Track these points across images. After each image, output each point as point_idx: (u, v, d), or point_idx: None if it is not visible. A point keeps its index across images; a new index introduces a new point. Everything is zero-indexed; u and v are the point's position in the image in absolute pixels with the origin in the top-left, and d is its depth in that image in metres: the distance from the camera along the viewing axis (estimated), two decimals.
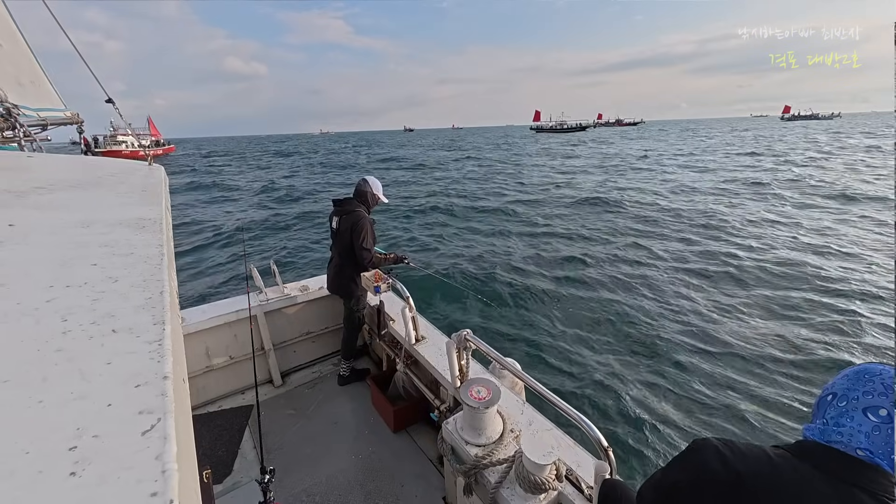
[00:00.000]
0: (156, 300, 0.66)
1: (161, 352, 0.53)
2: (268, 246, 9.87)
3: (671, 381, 4.26)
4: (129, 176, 1.86)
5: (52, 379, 0.46)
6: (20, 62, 3.47)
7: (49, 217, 1.06)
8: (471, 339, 1.82)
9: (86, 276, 0.73)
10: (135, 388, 0.46)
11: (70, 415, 0.41)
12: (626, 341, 5.01)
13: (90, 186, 1.56)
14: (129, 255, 0.84)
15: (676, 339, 4.96)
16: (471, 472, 1.60)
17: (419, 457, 2.43)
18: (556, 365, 4.59)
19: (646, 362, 4.59)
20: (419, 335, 2.52)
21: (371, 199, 2.93)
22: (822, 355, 4.53)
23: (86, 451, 0.37)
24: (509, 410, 1.85)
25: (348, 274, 2.89)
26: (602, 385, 4.22)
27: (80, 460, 0.36)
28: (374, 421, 2.70)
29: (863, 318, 5.26)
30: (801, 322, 5.27)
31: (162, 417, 0.42)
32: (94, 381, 0.47)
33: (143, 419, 0.42)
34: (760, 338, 4.92)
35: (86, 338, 0.55)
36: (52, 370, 0.48)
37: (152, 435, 0.40)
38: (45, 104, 3.69)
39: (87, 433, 0.39)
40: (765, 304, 5.82)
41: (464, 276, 7.20)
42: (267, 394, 2.98)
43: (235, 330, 2.87)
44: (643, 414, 3.82)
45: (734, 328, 5.17)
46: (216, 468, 2.33)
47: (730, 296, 6.12)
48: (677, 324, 5.32)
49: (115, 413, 0.42)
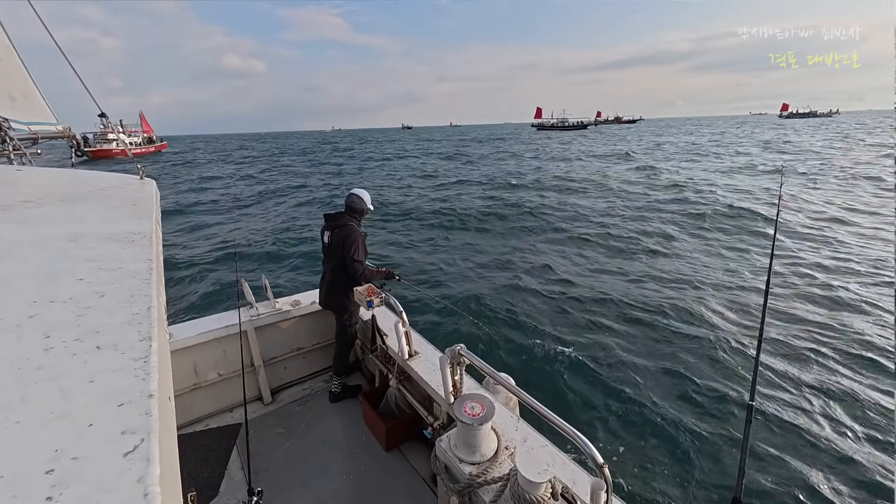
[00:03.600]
0: (143, 316, 0.65)
1: (147, 369, 0.51)
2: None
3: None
4: (119, 190, 1.85)
5: (30, 398, 0.45)
6: (13, 76, 3.47)
7: (35, 231, 1.04)
8: (464, 354, 1.80)
9: (71, 291, 0.71)
10: (118, 407, 0.44)
11: (48, 436, 0.40)
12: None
13: (79, 200, 1.55)
14: (116, 269, 0.83)
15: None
16: (465, 491, 1.57)
17: (412, 476, 2.37)
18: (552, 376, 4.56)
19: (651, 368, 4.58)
20: (412, 350, 2.50)
21: (360, 210, 2.96)
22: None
23: (63, 475, 0.36)
24: (504, 427, 1.83)
25: (341, 289, 2.87)
26: (603, 400, 4.19)
27: (57, 484, 0.35)
28: (365, 439, 2.65)
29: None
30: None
31: (146, 438, 0.41)
32: (75, 399, 0.45)
33: (125, 439, 0.40)
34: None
35: (68, 355, 0.53)
36: (31, 389, 0.46)
37: (135, 456, 0.38)
38: (36, 118, 3.67)
39: (66, 455, 0.38)
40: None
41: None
42: (256, 412, 2.91)
43: (225, 346, 2.82)
44: (640, 427, 3.79)
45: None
46: (202, 490, 2.25)
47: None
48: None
49: (97, 433, 0.41)
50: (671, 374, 4.53)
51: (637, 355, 4.92)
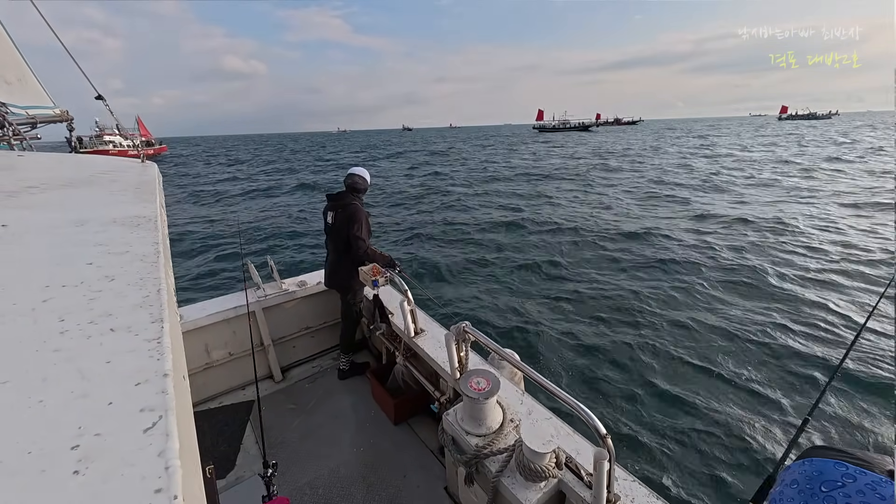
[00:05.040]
0: (153, 298, 0.66)
1: (160, 349, 0.52)
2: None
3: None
4: (122, 174, 1.84)
5: (51, 379, 0.46)
6: (5, 59, 3.41)
7: (42, 217, 1.05)
8: (469, 331, 1.82)
9: (82, 275, 0.72)
10: (135, 387, 0.46)
11: (71, 414, 0.41)
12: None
13: (83, 185, 1.54)
14: (124, 253, 0.84)
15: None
16: (472, 461, 1.62)
17: (420, 448, 2.45)
18: (556, 352, 4.63)
19: (648, 346, 4.63)
20: (418, 328, 2.53)
21: (363, 187, 2.93)
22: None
23: (88, 450, 0.37)
24: (509, 401, 1.86)
25: (345, 268, 2.89)
26: (602, 371, 4.27)
27: (83, 458, 0.37)
28: (374, 414, 2.72)
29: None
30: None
31: (163, 415, 0.42)
32: (93, 380, 0.47)
33: (144, 417, 0.42)
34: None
35: (84, 337, 0.54)
36: (51, 370, 0.48)
37: (154, 432, 0.40)
38: (33, 102, 3.63)
39: (89, 432, 0.39)
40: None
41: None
42: (267, 389, 2.99)
43: (234, 326, 2.87)
44: (641, 399, 3.87)
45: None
46: (219, 464, 2.34)
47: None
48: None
49: (117, 411, 0.42)
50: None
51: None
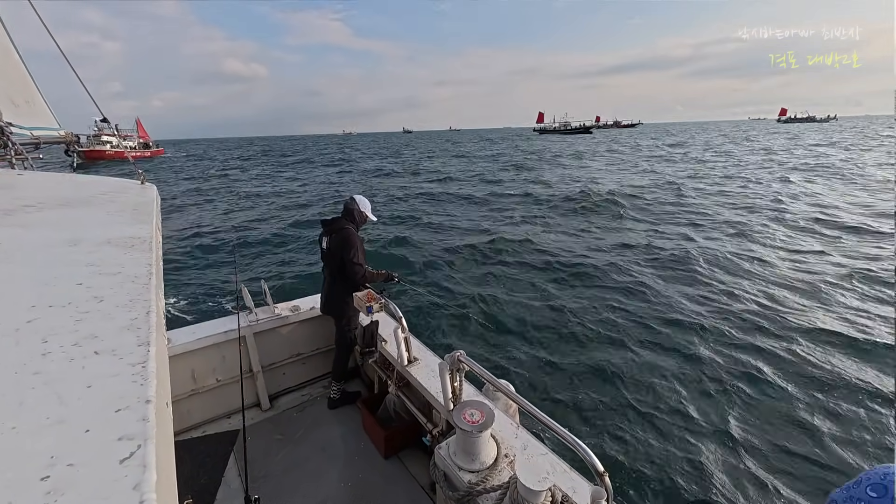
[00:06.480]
0: (141, 320, 0.64)
1: (144, 374, 0.51)
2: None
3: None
4: (120, 195, 1.85)
5: (28, 403, 0.45)
6: (15, 81, 3.49)
7: (36, 235, 1.04)
8: (464, 361, 1.79)
9: (70, 295, 0.71)
10: (115, 413, 0.44)
11: (44, 442, 0.40)
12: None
13: (80, 205, 1.55)
14: (116, 274, 0.83)
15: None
16: (464, 499, 1.55)
17: (411, 484, 2.35)
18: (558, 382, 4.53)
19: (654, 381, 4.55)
20: (412, 356, 2.48)
21: (359, 216, 2.95)
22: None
23: (58, 482, 0.36)
24: (503, 434, 1.81)
25: (340, 293, 2.87)
26: (601, 404, 4.16)
27: (52, 491, 0.35)
28: (364, 446, 2.62)
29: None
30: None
31: (142, 444, 0.40)
32: (72, 405, 0.45)
33: (122, 446, 0.40)
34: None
35: (66, 360, 0.53)
36: (28, 394, 0.46)
37: (131, 463, 0.38)
38: (38, 123, 3.69)
39: (62, 461, 0.38)
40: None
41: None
42: (254, 418, 2.89)
43: (224, 351, 2.80)
44: (643, 437, 3.76)
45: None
46: (198, 497, 2.23)
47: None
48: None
49: (93, 439, 0.41)
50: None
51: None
